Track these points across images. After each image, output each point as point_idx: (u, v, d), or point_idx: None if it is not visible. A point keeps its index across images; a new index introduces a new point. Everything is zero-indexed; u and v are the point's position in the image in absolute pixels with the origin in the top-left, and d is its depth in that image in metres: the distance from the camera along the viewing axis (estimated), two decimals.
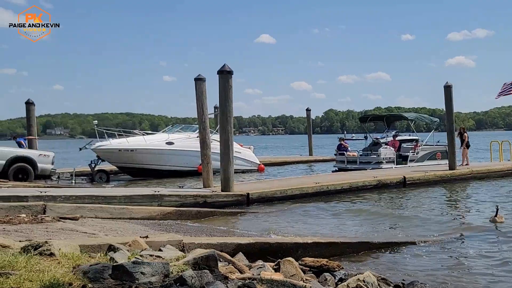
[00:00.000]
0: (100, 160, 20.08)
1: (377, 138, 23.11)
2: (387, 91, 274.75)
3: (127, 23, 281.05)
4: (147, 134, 22.21)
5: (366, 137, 24.53)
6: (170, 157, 20.40)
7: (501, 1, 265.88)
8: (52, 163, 17.59)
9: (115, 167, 21.03)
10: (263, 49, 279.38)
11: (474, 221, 10.09)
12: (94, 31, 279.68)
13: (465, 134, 19.97)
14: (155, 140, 21.01)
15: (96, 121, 21.01)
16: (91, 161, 20.03)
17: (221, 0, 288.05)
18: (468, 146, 19.89)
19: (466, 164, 19.44)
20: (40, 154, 17.33)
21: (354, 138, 54.05)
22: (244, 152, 23.25)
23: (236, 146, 21.95)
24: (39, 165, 17.02)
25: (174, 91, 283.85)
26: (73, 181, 18.65)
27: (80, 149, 20.90)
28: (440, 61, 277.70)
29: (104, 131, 20.62)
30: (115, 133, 21.19)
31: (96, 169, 19.97)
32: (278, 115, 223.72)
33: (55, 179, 18.20)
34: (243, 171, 22.45)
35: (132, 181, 19.78)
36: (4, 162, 16.45)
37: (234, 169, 20.85)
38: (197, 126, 18.09)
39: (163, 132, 23.02)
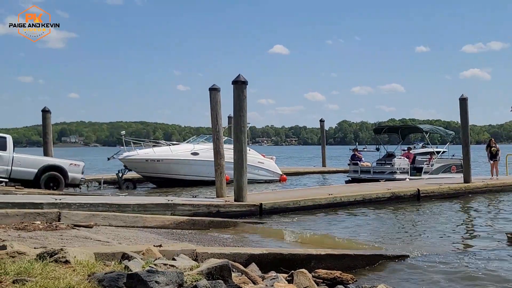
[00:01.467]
0: (127, 170, 20.61)
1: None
2: (402, 103, 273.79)
3: (142, 32, 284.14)
4: (173, 144, 22.99)
5: (378, 149, 24.45)
6: (195, 167, 20.70)
7: None
8: (82, 173, 17.90)
9: (141, 176, 21.54)
10: (277, 59, 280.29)
11: (489, 235, 9.97)
12: (109, 40, 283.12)
13: (497, 146, 19.57)
14: (181, 151, 21.48)
15: (124, 131, 21.50)
16: (119, 171, 20.65)
17: (235, 11, 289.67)
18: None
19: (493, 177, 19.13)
20: (71, 164, 17.56)
21: (366, 149, 53.77)
22: (267, 162, 23.81)
23: (259, 157, 23.12)
24: (69, 174, 17.21)
25: (188, 101, 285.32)
26: (101, 189, 19.31)
27: (108, 159, 21.60)
28: (455, 74, 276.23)
29: (131, 141, 21.22)
30: (141, 143, 22.05)
31: (123, 178, 20.57)
32: (292, 126, 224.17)
33: (84, 187, 18.61)
34: (266, 181, 22.85)
35: (154, 189, 20.35)
36: (36, 170, 16.68)
37: (257, 179, 22.15)
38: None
39: (188, 142, 23.40)
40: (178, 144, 23.66)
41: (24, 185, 16.14)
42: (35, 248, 5.32)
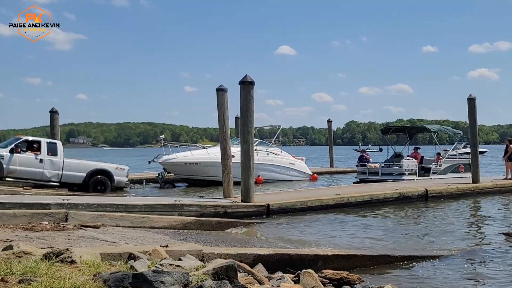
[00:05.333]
0: (166, 172, 21.54)
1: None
2: (410, 104, 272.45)
3: (149, 34, 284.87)
4: (208, 147, 23.67)
5: (381, 149, 24.37)
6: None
7: None
8: (127, 176, 18.49)
9: (176, 177, 22.28)
10: (284, 60, 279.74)
11: (496, 235, 9.88)
12: (116, 42, 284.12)
13: (511, 146, 19.13)
14: (217, 153, 21.71)
15: (163, 135, 22.10)
16: (159, 173, 21.72)
17: (242, 12, 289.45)
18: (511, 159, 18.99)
19: (511, 178, 18.60)
20: (117, 168, 18.20)
21: (369, 150, 53.63)
22: (297, 163, 24.65)
23: (290, 158, 24.43)
24: (115, 177, 17.80)
25: (195, 102, 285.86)
26: (143, 188, 20.29)
27: (149, 162, 22.58)
28: (462, 74, 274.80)
29: (169, 144, 22.50)
30: (178, 146, 23.55)
31: (163, 179, 21.58)
32: (299, 126, 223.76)
33: (128, 188, 19.20)
34: (297, 181, 23.48)
35: (187, 187, 21.28)
36: (84, 174, 17.28)
37: (289, 180, 23.37)
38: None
39: None
40: (213, 147, 24.12)
41: (72, 189, 16.86)
42: (42, 248, 5.33)
